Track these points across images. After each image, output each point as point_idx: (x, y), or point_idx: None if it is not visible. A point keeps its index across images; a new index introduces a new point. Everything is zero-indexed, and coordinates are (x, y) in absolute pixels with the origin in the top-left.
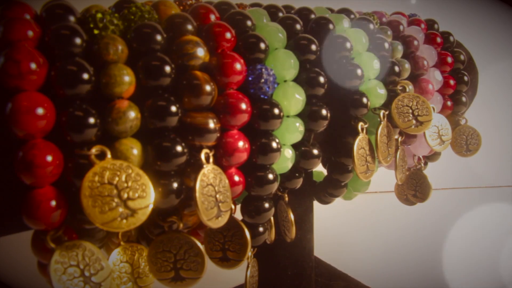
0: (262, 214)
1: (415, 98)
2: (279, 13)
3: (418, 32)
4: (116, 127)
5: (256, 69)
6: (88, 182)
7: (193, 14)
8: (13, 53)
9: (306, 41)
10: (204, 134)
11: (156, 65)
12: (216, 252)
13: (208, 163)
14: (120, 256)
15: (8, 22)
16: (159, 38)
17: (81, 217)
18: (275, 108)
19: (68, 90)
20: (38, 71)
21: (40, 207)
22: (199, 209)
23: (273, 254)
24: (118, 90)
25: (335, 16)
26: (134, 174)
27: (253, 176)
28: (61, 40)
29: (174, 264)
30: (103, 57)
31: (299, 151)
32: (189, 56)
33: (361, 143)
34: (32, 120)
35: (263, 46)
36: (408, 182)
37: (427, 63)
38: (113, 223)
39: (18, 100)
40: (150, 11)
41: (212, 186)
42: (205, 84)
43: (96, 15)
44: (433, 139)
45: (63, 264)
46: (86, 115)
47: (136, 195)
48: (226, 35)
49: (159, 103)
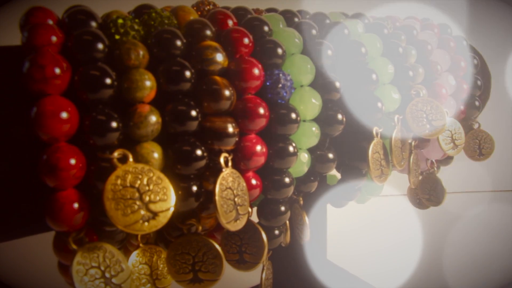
0: (278, 217)
1: (429, 103)
2: (294, 18)
3: (431, 36)
4: (138, 131)
5: (274, 74)
6: (111, 185)
7: (211, 20)
8: (38, 58)
9: (322, 46)
10: (223, 138)
11: (176, 70)
12: (232, 255)
13: (227, 166)
14: (139, 258)
15: (32, 28)
16: (179, 44)
17: (102, 219)
18: (292, 113)
19: (91, 95)
20: (62, 76)
21: (63, 209)
22: (218, 212)
23: (287, 257)
24: (139, 94)
25: (350, 21)
26: (156, 177)
27: (270, 179)
28: (84, 46)
29: (193, 266)
30: (124, 62)
31: (315, 155)
32: (209, 62)
33: (375, 147)
34: (57, 124)
35: (280, 51)
36: (422, 186)
37: (440, 68)
38: (135, 225)
39: (43, 104)
40: (170, 16)
41: (231, 190)
42: (224, 89)
43: (117, 20)
44: (446, 143)
45: (84, 265)
46: (108, 119)
47: (157, 198)
48: (244, 41)
49: (179, 107)
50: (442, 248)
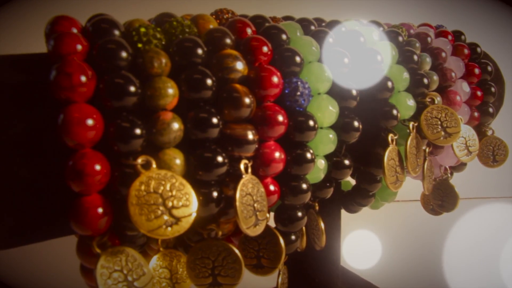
0: (295, 223)
1: (444, 110)
2: (311, 26)
3: (445, 44)
4: (161, 138)
5: (292, 82)
6: (135, 191)
7: (230, 28)
8: (65, 66)
9: (339, 54)
10: (243, 145)
11: (198, 78)
12: (250, 259)
13: (246, 173)
14: (159, 262)
15: (58, 37)
16: (200, 52)
17: (125, 223)
18: (310, 120)
19: (115, 102)
20: (88, 84)
21: (88, 214)
22: (239, 217)
23: (302, 262)
24: (162, 102)
25: (365, 29)
26: (178, 183)
27: (288, 185)
28: (108, 54)
29: (212, 270)
30: (147, 70)
31: (331, 161)
32: (229, 70)
33: (391, 154)
34: (83, 130)
35: (298, 59)
36: (435, 192)
37: (455, 75)
38: (158, 230)
39: (70, 111)
40: (190, 25)
41: (251, 196)
42: (244, 97)
43: (139, 29)
44: (460, 150)
45: (108, 269)
46: (132, 126)
47: (180, 203)
48: (263, 49)
49: (201, 115)
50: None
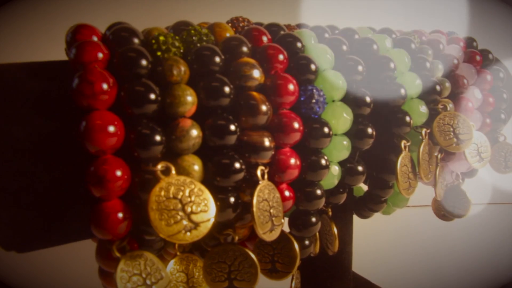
0: (309, 228)
1: (456, 117)
2: (325, 34)
3: (457, 50)
4: (180, 144)
5: (308, 89)
6: (155, 196)
7: (247, 36)
8: (87, 74)
9: (353, 62)
10: (260, 151)
11: (216, 86)
12: (265, 264)
13: (263, 179)
14: (176, 266)
15: (80, 45)
16: (218, 60)
17: (143, 228)
18: (325, 127)
19: (136, 109)
20: (109, 91)
21: (109, 219)
22: (256, 223)
23: (314, 267)
24: (181, 109)
25: (378, 36)
26: (197, 189)
27: (302, 191)
28: (129, 62)
29: (228, 275)
30: (167, 78)
31: (345, 167)
32: (246, 78)
33: (404, 161)
34: (105, 137)
35: (314, 67)
36: (446, 198)
37: (467, 82)
38: (178, 235)
39: (92, 118)
40: (208, 33)
41: (267, 201)
42: (261, 104)
43: (159, 37)
44: (472, 156)
45: (127, 272)
46: (152, 133)
47: (198, 209)
48: (279, 57)
49: (219, 122)
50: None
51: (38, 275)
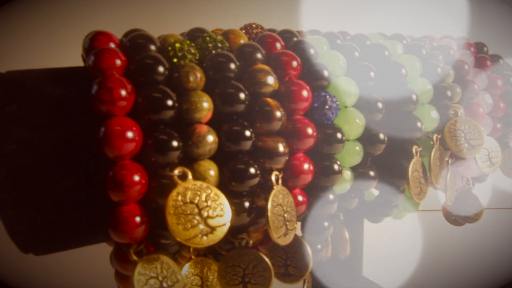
0: (322, 232)
1: (467, 122)
2: (337, 40)
3: (468, 56)
4: (196, 150)
5: (321, 96)
6: (172, 201)
7: (260, 43)
8: (106, 81)
9: (365, 68)
10: (275, 157)
11: (231, 93)
12: (278, 268)
13: (277, 184)
14: (191, 269)
15: (98, 52)
16: (233, 67)
17: (159, 232)
18: (337, 133)
19: (153, 115)
20: (127, 98)
21: (126, 222)
22: (270, 227)
23: (325, 271)
24: (198, 115)
25: (389, 42)
26: (213, 194)
27: (315, 196)
28: (146, 69)
29: (243, 278)
30: (183, 84)
31: (357, 173)
32: (261, 84)
33: (415, 166)
34: (123, 143)
35: (326, 73)
36: (457, 203)
37: (477, 87)
38: (194, 239)
39: (111, 124)
40: (223, 40)
41: (281, 206)
42: (276, 110)
43: (175, 44)
44: (483, 162)
45: (144, 275)
46: (170, 139)
47: (215, 213)
48: (293, 64)
49: (234, 128)
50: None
51: (38, 275)
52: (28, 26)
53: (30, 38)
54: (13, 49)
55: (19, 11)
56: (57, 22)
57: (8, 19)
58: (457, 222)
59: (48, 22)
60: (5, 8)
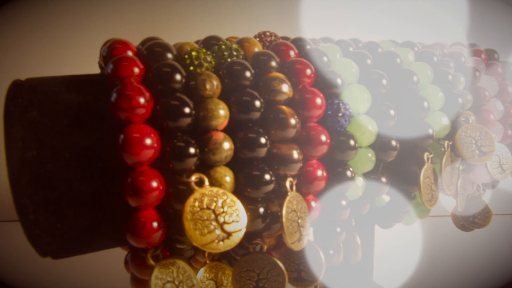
0: (334, 238)
1: (478, 129)
2: (349, 48)
3: (479, 63)
4: (213, 156)
5: (334, 103)
6: (190, 207)
7: (275, 51)
8: (125, 89)
9: (377, 76)
10: (289, 164)
11: (247, 100)
12: (291, 272)
13: (291, 190)
14: (206, 274)
15: (117, 60)
16: (248, 75)
17: (175, 237)
18: (351, 140)
19: (171, 123)
20: (146, 105)
21: (144, 228)
22: (285, 233)
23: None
24: (214, 123)
25: (401, 49)
26: (229, 200)
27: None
28: (164, 77)
29: (257, 283)
30: (200, 92)
31: (369, 179)
32: (276, 92)
33: (426, 172)
34: (142, 150)
35: (340, 81)
36: (467, 208)
37: (488, 94)
38: (211, 244)
39: (130, 131)
40: (238, 48)
41: (295, 212)
42: (290, 118)
43: (191, 52)
44: (494, 168)
45: (161, 280)
46: (187, 146)
47: (231, 219)
48: (307, 72)
49: (250, 135)
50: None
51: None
52: (27, 26)
53: (28, 37)
54: (13, 48)
55: (19, 12)
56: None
57: (8, 19)
58: (466, 228)
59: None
60: (5, 8)
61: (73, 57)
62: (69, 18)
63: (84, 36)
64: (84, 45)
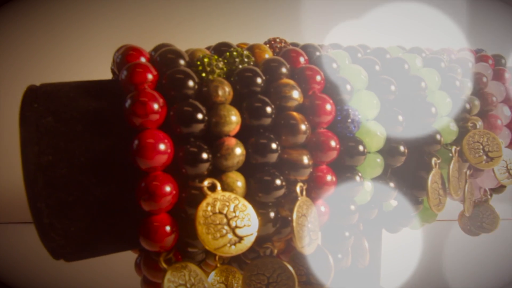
0: (343, 242)
1: (486, 135)
2: (357, 54)
3: (486, 68)
4: (225, 162)
5: (344, 109)
6: (202, 211)
7: (285, 57)
8: (139, 95)
9: (386, 82)
10: (299, 169)
11: (259, 107)
12: (300, 276)
13: (302, 195)
14: (217, 277)
15: (131, 67)
16: (260, 81)
17: (187, 240)
18: (359, 145)
19: (184, 129)
20: (160, 111)
21: (157, 231)
22: (295, 237)
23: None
24: (226, 129)
25: (409, 55)
26: (241, 204)
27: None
28: (177, 83)
29: (267, 286)
30: (212, 98)
31: (377, 184)
32: (287, 98)
33: (434, 178)
34: (156, 155)
35: (349, 87)
36: (474, 213)
37: (495, 99)
38: (223, 248)
39: (144, 137)
40: (249, 55)
41: (305, 217)
42: (301, 124)
43: (203, 59)
44: (501, 173)
45: (173, 283)
46: (200, 151)
47: (243, 223)
48: (317, 78)
49: (261, 140)
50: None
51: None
52: (27, 26)
53: (28, 37)
54: (13, 49)
55: (20, 12)
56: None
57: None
58: (473, 232)
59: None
60: (16, 12)
61: (83, 62)
62: (79, 23)
63: (94, 41)
64: (94, 50)
